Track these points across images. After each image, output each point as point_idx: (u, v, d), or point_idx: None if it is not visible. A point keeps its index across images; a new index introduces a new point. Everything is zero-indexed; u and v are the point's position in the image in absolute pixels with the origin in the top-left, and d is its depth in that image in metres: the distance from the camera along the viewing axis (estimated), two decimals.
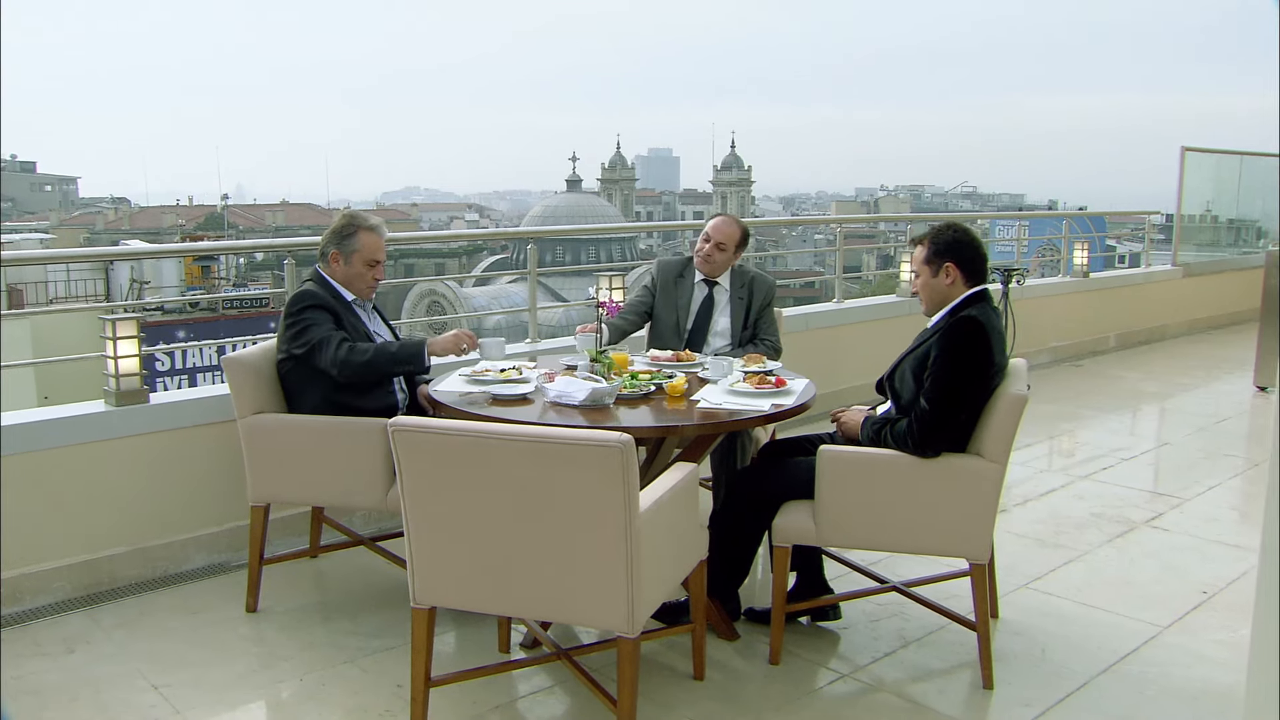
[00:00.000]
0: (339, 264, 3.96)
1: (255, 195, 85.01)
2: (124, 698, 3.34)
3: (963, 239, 3.44)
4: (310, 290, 3.91)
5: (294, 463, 3.86)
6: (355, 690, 3.35)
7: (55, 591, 4.06)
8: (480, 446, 2.74)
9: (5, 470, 3.97)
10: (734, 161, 72.30)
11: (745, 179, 71.82)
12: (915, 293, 3.57)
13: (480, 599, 2.96)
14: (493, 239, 46.42)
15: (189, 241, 35.72)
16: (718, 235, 4.52)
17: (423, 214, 70.90)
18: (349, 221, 4.00)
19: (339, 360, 3.69)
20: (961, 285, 3.42)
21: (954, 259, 3.40)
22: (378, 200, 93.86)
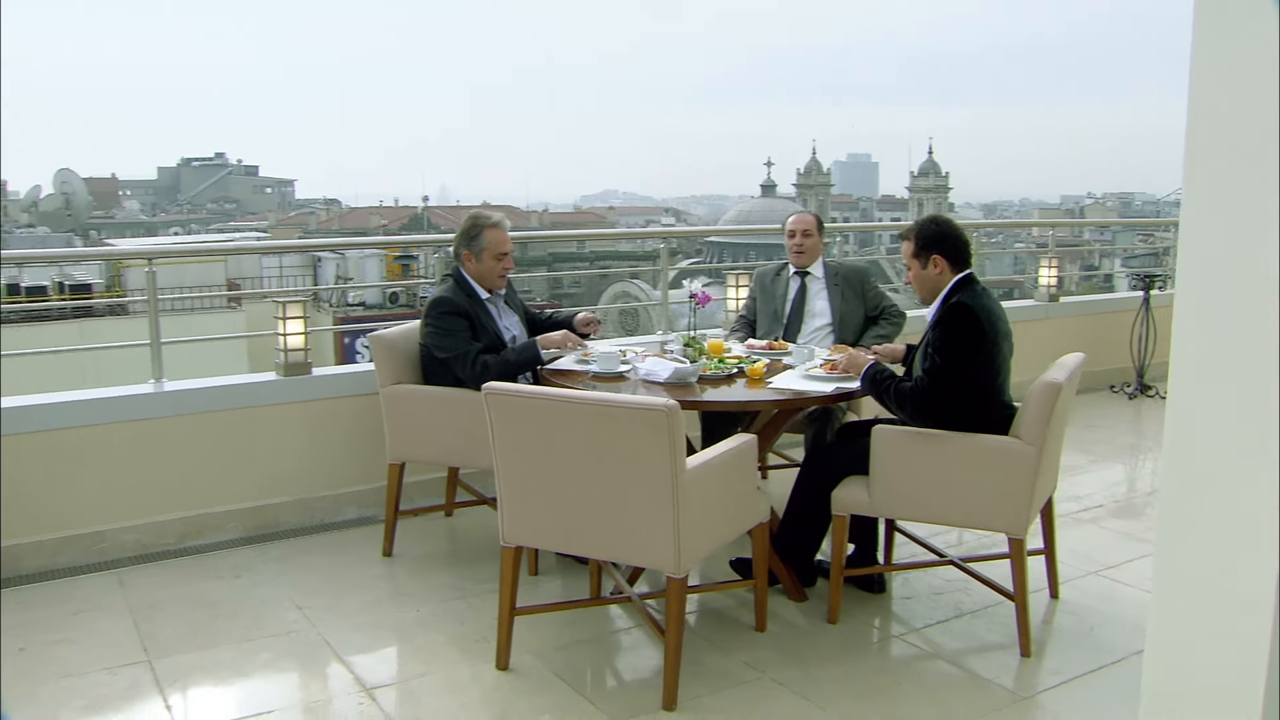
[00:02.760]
0: (472, 261, 4.61)
1: (458, 198, 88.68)
2: (274, 614, 4.08)
3: (946, 230, 3.85)
4: (448, 297, 4.56)
5: (424, 427, 4.56)
6: (461, 620, 3.99)
7: (230, 530, 4.89)
8: (553, 409, 3.34)
9: (194, 425, 4.82)
10: (931, 167, 71.07)
11: (943, 185, 70.52)
12: (908, 282, 3.97)
13: (554, 539, 3.57)
14: (637, 237, 47.09)
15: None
16: (799, 226, 5.05)
17: (619, 218, 72.50)
18: (474, 222, 4.64)
19: (473, 376, 4.31)
20: (949, 273, 3.82)
21: (939, 250, 3.82)
22: (575, 204, 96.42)
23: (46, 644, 3.87)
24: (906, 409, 3.75)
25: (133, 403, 4.85)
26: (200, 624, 4.04)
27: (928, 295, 3.91)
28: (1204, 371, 1.72)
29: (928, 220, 3.98)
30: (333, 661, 3.72)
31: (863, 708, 3.36)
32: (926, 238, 3.89)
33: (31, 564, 4.53)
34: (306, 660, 3.75)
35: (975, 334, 3.67)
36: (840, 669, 3.64)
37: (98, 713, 3.39)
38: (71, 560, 4.59)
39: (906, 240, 3.97)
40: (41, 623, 4.04)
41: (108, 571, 4.55)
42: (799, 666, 3.65)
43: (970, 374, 3.69)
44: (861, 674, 3.61)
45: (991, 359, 3.72)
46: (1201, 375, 1.72)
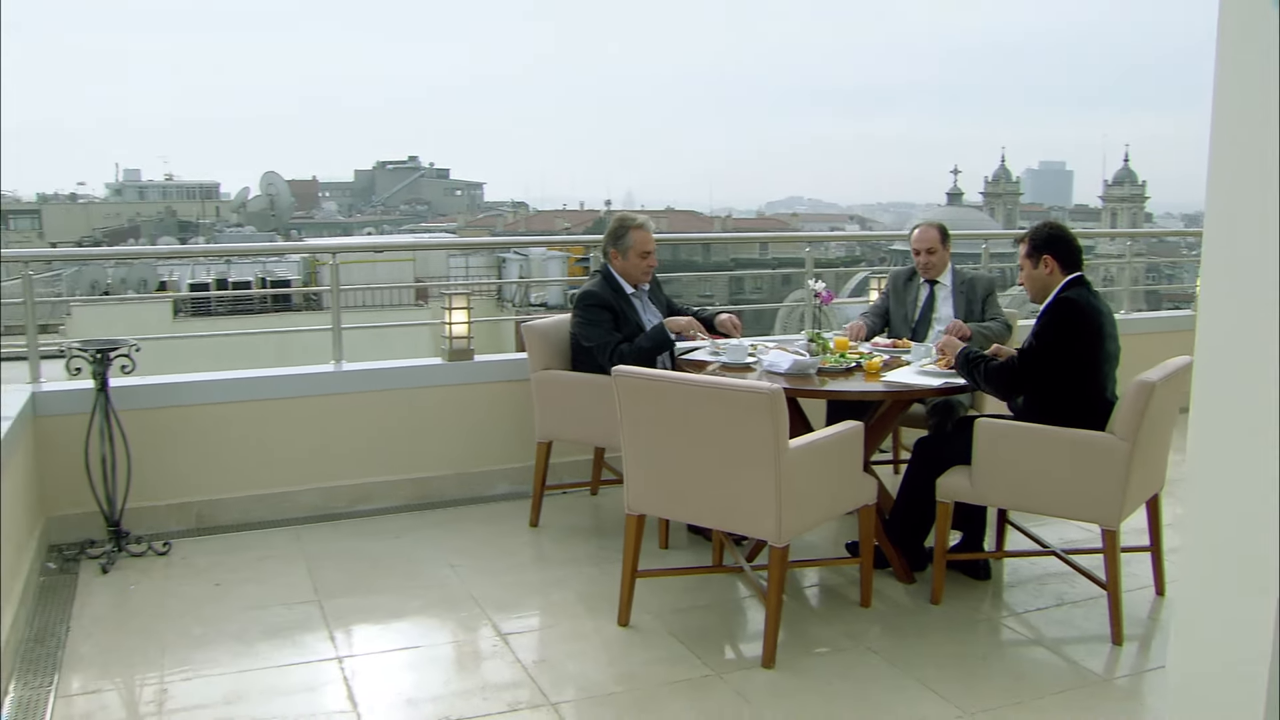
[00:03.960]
0: (618, 259, 5.09)
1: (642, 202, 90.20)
2: (428, 570, 4.67)
3: (1057, 234, 4.12)
4: (594, 291, 5.06)
5: (570, 409, 5.08)
6: (592, 583, 4.48)
7: (396, 497, 5.52)
8: (671, 391, 3.79)
9: (368, 402, 5.48)
10: (1127, 176, 68.39)
11: (1139, 194, 67.78)
12: (1021, 283, 4.23)
13: (671, 508, 4.02)
14: (783, 241, 46.83)
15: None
16: (923, 244, 5.27)
17: (803, 224, 72.35)
18: (620, 224, 5.12)
19: (613, 363, 4.77)
20: (1059, 273, 4.08)
21: (1049, 251, 4.08)
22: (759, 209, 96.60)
23: (237, 581, 4.55)
24: (994, 385, 4.09)
25: (316, 380, 5.54)
26: (363, 574, 4.66)
27: (1038, 294, 4.19)
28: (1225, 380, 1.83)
29: (1042, 224, 4.27)
30: (475, 610, 4.26)
31: (944, 676, 3.69)
32: (1039, 240, 4.18)
33: (227, 518, 5.25)
34: (453, 608, 4.30)
35: (1073, 325, 3.95)
36: (933, 644, 3.96)
37: (276, 637, 4.02)
38: (260, 516, 5.29)
39: (1021, 243, 4.27)
40: (233, 565, 4.74)
41: (289, 527, 5.23)
42: (895, 639, 3.99)
43: (1062, 362, 3.96)
44: (951, 649, 3.94)
45: (1091, 355, 3.99)
46: (1222, 383, 1.84)
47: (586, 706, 3.51)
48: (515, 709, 3.50)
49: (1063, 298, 4.04)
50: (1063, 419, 4.00)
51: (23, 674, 3.73)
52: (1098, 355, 4.02)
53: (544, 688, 3.62)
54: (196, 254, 29.81)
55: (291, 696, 3.59)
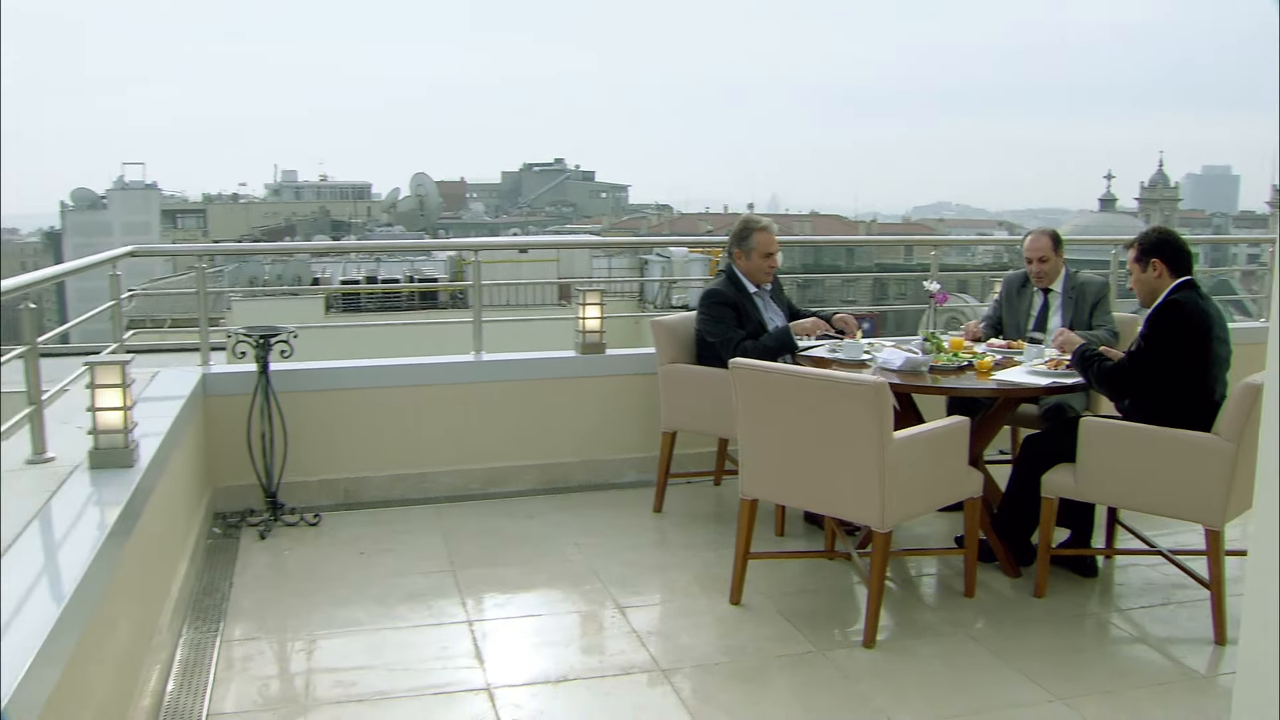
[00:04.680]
0: (742, 259, 5.38)
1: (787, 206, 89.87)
2: (555, 548, 5.06)
3: (1166, 238, 4.24)
4: (718, 289, 5.37)
5: (693, 400, 5.38)
6: (709, 565, 4.79)
7: (529, 481, 5.92)
8: (783, 383, 4.08)
9: (505, 391, 5.90)
10: None
11: None
12: (1131, 287, 4.35)
13: (782, 493, 4.30)
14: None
15: None
16: (1035, 253, 5.35)
17: (950, 229, 71.05)
18: (745, 226, 5.41)
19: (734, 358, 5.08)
20: (1168, 277, 4.20)
21: (1158, 255, 4.20)
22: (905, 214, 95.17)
23: (379, 551, 4.99)
24: (1104, 385, 4.25)
25: (457, 369, 5.99)
26: (494, 549, 5.06)
27: (1147, 297, 4.33)
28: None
29: (1151, 229, 4.40)
30: (597, 585, 4.60)
31: (1040, 664, 3.87)
32: (1148, 244, 4.32)
33: (372, 495, 5.72)
34: (576, 582, 4.66)
35: (1180, 328, 4.09)
36: (1033, 635, 4.15)
37: (412, 601, 4.44)
38: (402, 494, 5.75)
39: (1130, 248, 4.41)
40: (376, 537, 5.19)
41: (428, 505, 5.68)
42: (995, 628, 4.19)
43: (1171, 364, 4.09)
44: (1050, 640, 4.12)
45: (1197, 357, 4.12)
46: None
47: (694, 674, 3.82)
48: (628, 673, 3.83)
49: (1170, 300, 4.18)
50: (1170, 420, 4.13)
51: (193, 620, 4.23)
52: (1205, 358, 4.14)
53: (655, 655, 3.94)
54: (349, 250, 31.08)
55: (424, 652, 3.99)
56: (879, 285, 42.15)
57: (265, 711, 3.59)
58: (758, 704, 3.61)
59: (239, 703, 3.62)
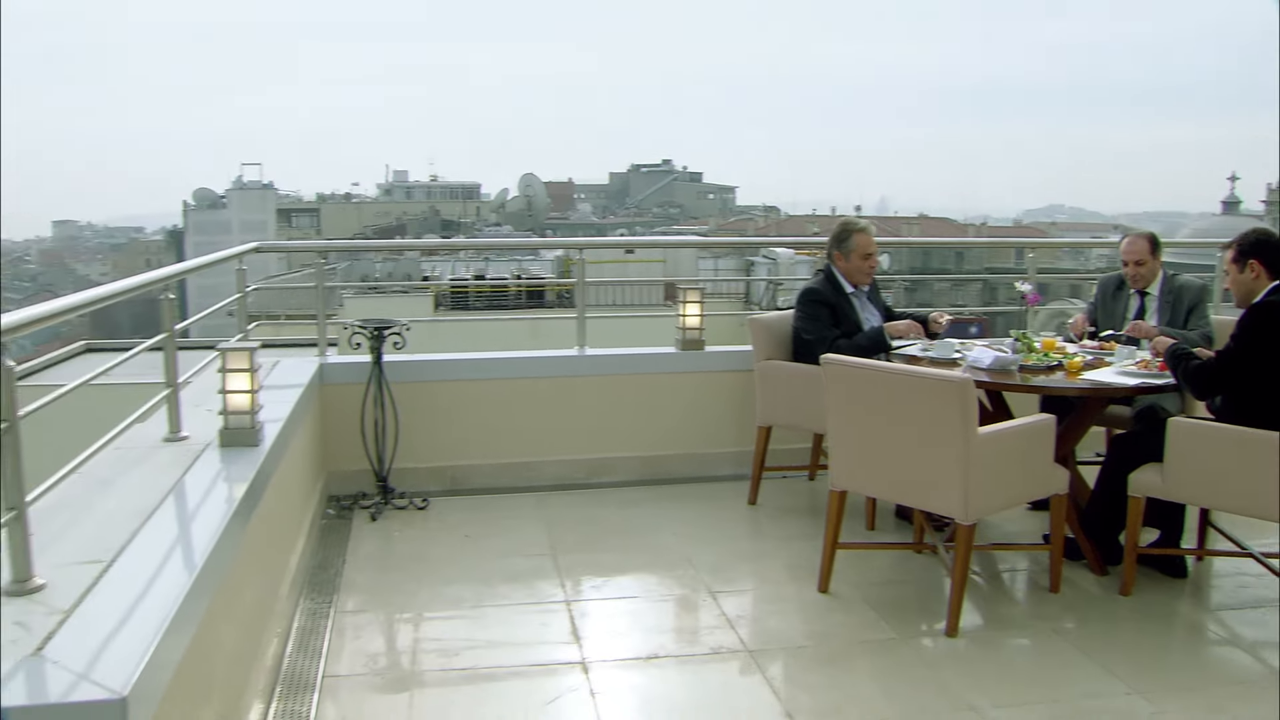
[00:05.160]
0: (842, 261, 5.54)
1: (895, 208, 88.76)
2: (652, 535, 5.34)
3: (1266, 240, 4.28)
4: (816, 288, 5.55)
5: (788, 396, 5.57)
6: (800, 555, 4.97)
7: (628, 472, 6.18)
8: (873, 378, 4.26)
9: (607, 385, 6.17)
10: None
11: None
12: (1227, 288, 4.39)
13: (871, 485, 4.45)
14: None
15: None
16: (1131, 256, 5.38)
17: (1062, 233, 69.52)
18: (844, 228, 5.56)
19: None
20: (1265, 278, 4.25)
21: (1256, 256, 4.25)
22: (1016, 218, 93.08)
23: (484, 535, 5.28)
24: (1190, 383, 4.32)
25: (560, 363, 6.26)
26: (593, 535, 5.31)
27: (1243, 299, 4.38)
28: None
29: (1250, 230, 4.44)
30: (690, 571, 4.81)
31: (1121, 659, 3.98)
32: (1246, 245, 4.37)
33: (478, 482, 6.02)
34: (670, 568, 4.88)
35: (1271, 330, 4.13)
36: (1116, 630, 4.26)
37: (514, 581, 4.71)
38: (506, 482, 6.03)
39: (1228, 248, 4.46)
40: (482, 521, 5.48)
41: (531, 493, 5.96)
42: (1078, 623, 4.31)
43: (1259, 366, 4.14)
44: (1134, 636, 4.22)
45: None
46: None
47: (779, 656, 4.01)
48: (717, 652, 4.03)
49: (1265, 302, 4.22)
50: (1261, 421, 4.18)
51: (309, 593, 4.56)
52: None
53: (743, 637, 4.14)
54: (458, 247, 31.79)
55: (524, 628, 4.25)
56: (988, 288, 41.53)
57: (375, 676, 3.89)
58: (840, 686, 3.79)
59: (351, 667, 3.92)
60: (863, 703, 3.66)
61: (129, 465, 3.82)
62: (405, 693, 3.79)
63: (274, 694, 3.70)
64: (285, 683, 3.79)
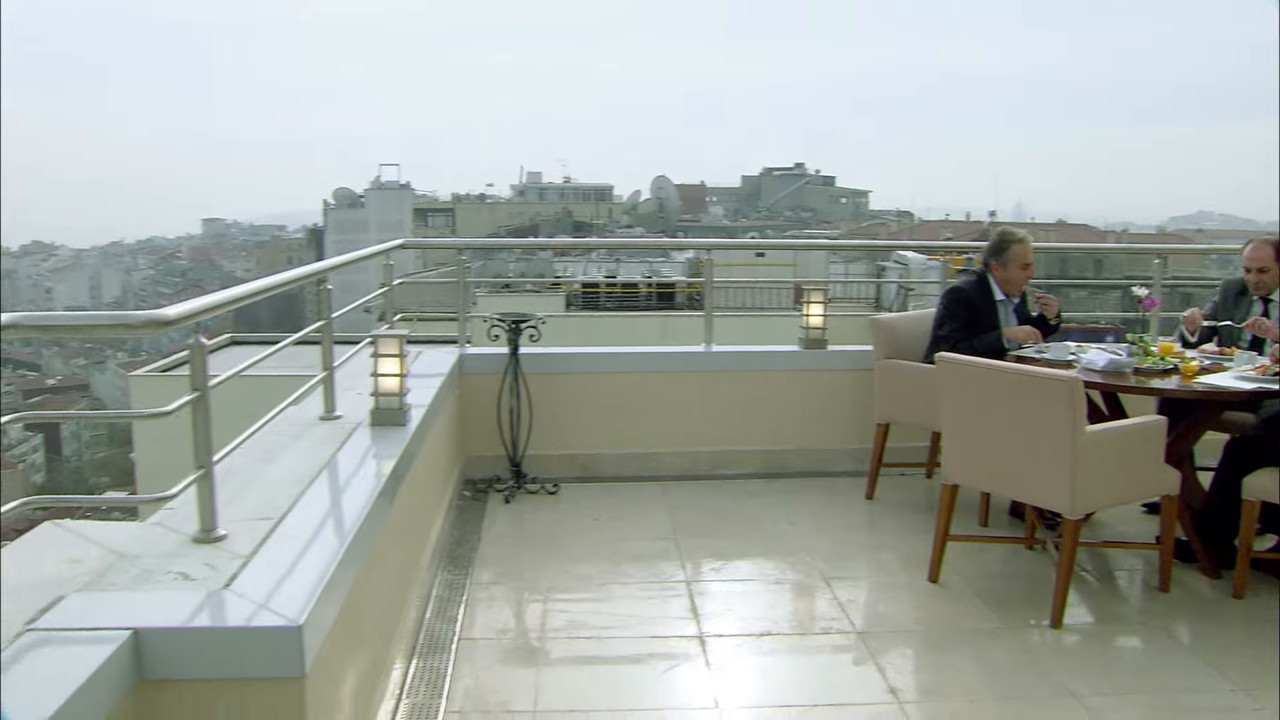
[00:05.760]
0: (1000, 271, 5.68)
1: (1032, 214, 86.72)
2: (769, 524, 5.61)
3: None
4: (962, 288, 5.72)
5: (907, 394, 5.76)
6: (914, 548, 5.15)
7: (750, 465, 6.44)
8: (986, 377, 4.44)
9: (731, 380, 6.44)
10: None
11: None
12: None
13: (981, 479, 4.63)
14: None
15: None
16: (1255, 262, 5.38)
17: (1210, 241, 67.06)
18: (1002, 238, 5.69)
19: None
20: None
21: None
22: (1160, 225, 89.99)
23: (611, 519, 5.61)
24: None
25: (687, 358, 6.59)
26: (714, 523, 5.60)
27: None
28: None
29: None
30: (806, 558, 5.05)
31: (1229, 657, 4.08)
32: None
33: (606, 470, 6.34)
34: (786, 555, 5.14)
35: None
36: (1225, 631, 4.37)
37: (638, 561, 5.04)
38: (633, 471, 6.35)
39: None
40: (609, 506, 5.80)
41: (656, 482, 6.27)
42: (1187, 622, 4.43)
43: None
44: (1243, 637, 4.32)
45: None
46: None
47: (885, 638, 4.23)
48: (826, 632, 4.28)
49: None
50: None
51: (447, 565, 4.94)
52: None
53: (853, 620, 4.37)
54: (591, 246, 32.38)
55: (647, 603, 4.56)
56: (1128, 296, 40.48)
57: (506, 641, 4.25)
58: (943, 669, 4.00)
59: (485, 631, 4.27)
60: (964, 685, 3.87)
61: (290, 440, 4.24)
62: (532, 656, 4.13)
63: (414, 652, 4.06)
64: (425, 642, 4.15)
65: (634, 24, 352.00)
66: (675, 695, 3.82)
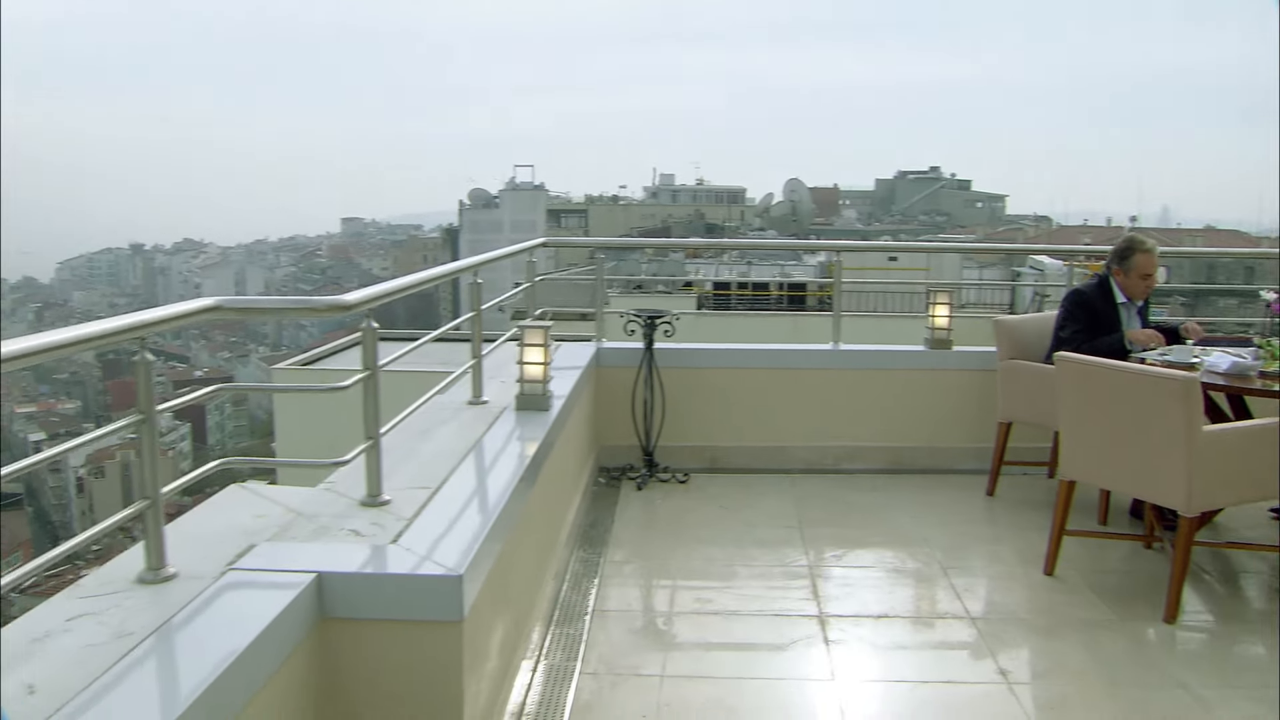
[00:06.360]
0: (1121, 276, 5.78)
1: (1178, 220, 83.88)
2: (891, 516, 5.81)
3: None
4: (1083, 291, 5.83)
5: (1029, 393, 5.88)
6: (1030, 543, 5.28)
7: (874, 460, 6.66)
8: (1104, 376, 4.57)
9: (858, 378, 6.67)
10: None
11: None
12: None
13: (1098, 475, 4.76)
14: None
15: None
16: None
17: None
18: (1128, 245, 5.78)
19: None
20: None
21: None
22: None
23: (738, 507, 5.89)
24: None
25: (815, 356, 6.84)
26: (838, 513, 5.83)
27: None
28: None
29: None
30: (925, 548, 5.25)
31: None
32: None
33: (734, 462, 6.61)
34: (905, 544, 5.34)
35: None
36: None
37: (763, 546, 5.31)
38: (761, 464, 6.60)
39: None
40: (736, 496, 6.07)
41: (783, 474, 6.51)
42: None
43: None
44: None
45: None
46: None
47: (997, 624, 4.41)
48: (940, 616, 4.49)
49: None
50: None
51: (582, 544, 5.26)
52: None
53: (967, 606, 4.56)
54: (723, 246, 32.61)
55: (769, 584, 4.82)
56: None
57: (637, 612, 4.55)
58: (1053, 654, 4.17)
59: (618, 604, 4.58)
60: (1072, 670, 4.03)
61: (441, 422, 4.60)
62: (661, 628, 4.44)
63: (551, 620, 4.39)
64: (561, 613, 4.47)
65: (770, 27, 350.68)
66: (794, 667, 4.07)
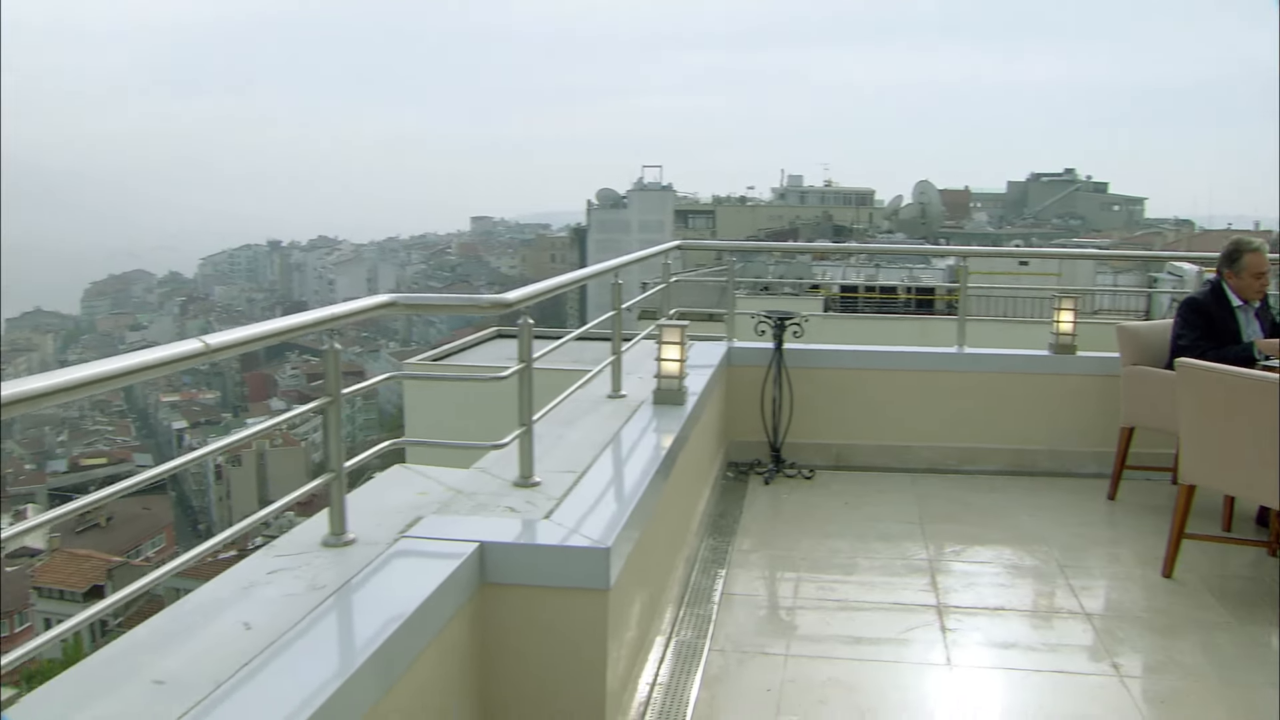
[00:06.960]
0: (1233, 278, 5.85)
1: None
2: (1008, 515, 5.97)
3: None
4: (1196, 298, 5.91)
5: (1152, 398, 5.95)
6: (1150, 546, 5.42)
7: (996, 462, 6.80)
8: (1221, 381, 4.72)
9: (982, 381, 6.84)
10: None
11: None
12: None
13: (1218, 480, 4.88)
14: None
15: None
16: None
17: None
18: (1236, 247, 5.85)
19: None
20: None
21: None
22: None
23: (861, 503, 6.11)
24: None
25: (940, 358, 7.01)
26: (958, 512, 6.00)
27: None
28: None
29: None
30: (1042, 546, 5.40)
31: None
32: None
33: (859, 460, 6.82)
34: (1024, 543, 5.51)
35: None
36: None
37: (884, 540, 5.53)
38: (884, 462, 6.80)
39: None
40: (860, 493, 6.28)
41: (905, 473, 6.70)
42: None
43: None
44: None
45: None
46: None
47: (1112, 620, 4.57)
48: (1056, 611, 4.67)
49: None
50: None
51: (711, 533, 5.54)
52: None
53: (1083, 603, 4.72)
54: (850, 251, 32.55)
55: (890, 575, 5.05)
56: None
57: (763, 596, 4.83)
58: (1166, 650, 4.32)
59: (744, 589, 4.86)
60: (1185, 666, 4.18)
61: (583, 414, 4.92)
62: (785, 611, 4.71)
63: (684, 600, 4.68)
64: (691, 595, 4.75)
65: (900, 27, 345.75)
66: (911, 651, 4.29)
